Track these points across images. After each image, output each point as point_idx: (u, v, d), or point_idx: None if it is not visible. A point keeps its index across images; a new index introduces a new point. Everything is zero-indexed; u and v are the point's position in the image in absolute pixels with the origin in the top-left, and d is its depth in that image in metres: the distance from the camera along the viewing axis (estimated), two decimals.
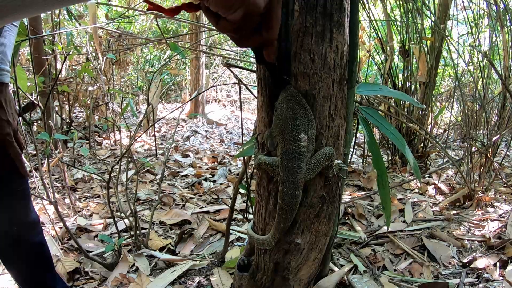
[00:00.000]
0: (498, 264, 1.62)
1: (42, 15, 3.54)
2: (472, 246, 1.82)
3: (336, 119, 0.89)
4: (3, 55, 0.99)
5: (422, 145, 3.22)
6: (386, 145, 3.26)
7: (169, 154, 2.52)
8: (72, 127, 3.93)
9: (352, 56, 0.94)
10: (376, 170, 1.11)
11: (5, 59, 1.00)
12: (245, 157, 1.40)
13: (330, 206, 0.98)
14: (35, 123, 3.95)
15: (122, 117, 4.12)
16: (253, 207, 1.18)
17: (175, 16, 0.63)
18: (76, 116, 5.20)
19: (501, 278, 1.53)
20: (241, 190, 1.57)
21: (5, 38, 0.99)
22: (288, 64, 0.84)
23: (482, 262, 1.64)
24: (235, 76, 1.41)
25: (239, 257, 1.20)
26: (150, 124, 3.72)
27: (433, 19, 2.78)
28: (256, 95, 1.04)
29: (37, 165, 1.64)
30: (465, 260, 1.68)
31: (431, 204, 2.37)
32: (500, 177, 2.66)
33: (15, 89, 1.52)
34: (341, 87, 0.88)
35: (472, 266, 1.63)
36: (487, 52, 2.85)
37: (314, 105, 0.86)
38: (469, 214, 2.20)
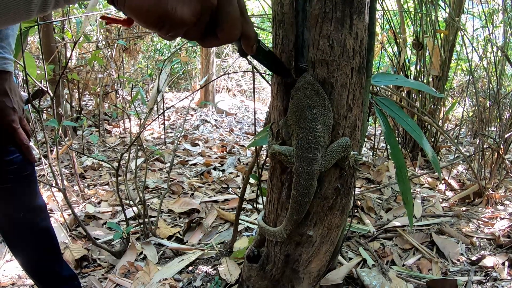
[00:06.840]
0: (506, 263, 1.60)
1: None
2: (481, 244, 1.81)
3: (354, 109, 0.87)
4: (6, 44, 1.00)
5: (433, 139, 3.18)
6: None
7: (178, 142, 2.51)
8: (81, 115, 3.94)
9: (369, 45, 0.91)
10: (394, 163, 1.08)
11: (9, 48, 1.01)
12: (257, 147, 1.39)
13: (344, 199, 0.97)
14: (44, 111, 3.97)
15: (132, 105, 4.12)
16: (264, 197, 1.17)
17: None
18: (86, 104, 5.22)
19: (509, 277, 1.51)
20: (251, 180, 1.56)
21: (8, 27, 0.99)
22: (305, 51, 0.82)
23: (490, 261, 1.62)
24: (250, 63, 1.38)
25: (249, 247, 1.19)
26: (160, 112, 3.71)
27: (447, 11, 2.72)
28: (270, 83, 1.01)
29: (46, 152, 1.64)
30: (474, 258, 1.67)
31: (440, 200, 2.34)
32: (511, 175, 2.62)
33: (25, 77, 1.52)
34: (359, 76, 0.85)
35: (480, 264, 1.62)
36: (505, 48, 2.79)
37: (331, 93, 0.84)
38: (479, 212, 2.17)
